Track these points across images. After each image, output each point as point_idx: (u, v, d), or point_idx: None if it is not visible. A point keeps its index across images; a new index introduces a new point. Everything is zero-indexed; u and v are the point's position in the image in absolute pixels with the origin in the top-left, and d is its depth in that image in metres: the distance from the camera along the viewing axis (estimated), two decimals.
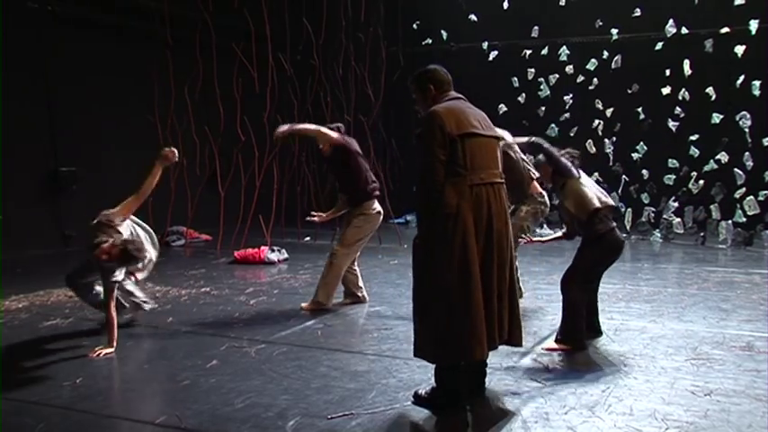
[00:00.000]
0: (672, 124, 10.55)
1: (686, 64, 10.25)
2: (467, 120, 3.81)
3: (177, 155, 5.60)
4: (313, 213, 6.75)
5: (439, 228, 3.72)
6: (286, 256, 9.20)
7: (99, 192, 9.92)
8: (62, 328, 5.79)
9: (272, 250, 9.17)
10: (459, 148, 3.72)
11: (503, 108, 11.58)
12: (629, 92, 10.88)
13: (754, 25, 9.88)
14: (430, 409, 3.84)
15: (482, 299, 3.71)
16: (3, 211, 9.38)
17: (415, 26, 12.62)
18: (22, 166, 9.63)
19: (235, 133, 10.11)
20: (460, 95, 4.03)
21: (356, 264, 6.63)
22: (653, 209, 10.97)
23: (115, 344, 5.08)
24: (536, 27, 11.34)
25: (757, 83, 9.84)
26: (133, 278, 5.76)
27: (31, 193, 9.80)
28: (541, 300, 6.59)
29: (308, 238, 11.11)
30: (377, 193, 6.42)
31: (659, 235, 10.74)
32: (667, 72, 10.39)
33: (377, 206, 6.40)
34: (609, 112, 11.06)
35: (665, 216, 10.78)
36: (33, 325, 5.83)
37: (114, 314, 5.13)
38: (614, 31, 10.97)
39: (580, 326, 4.98)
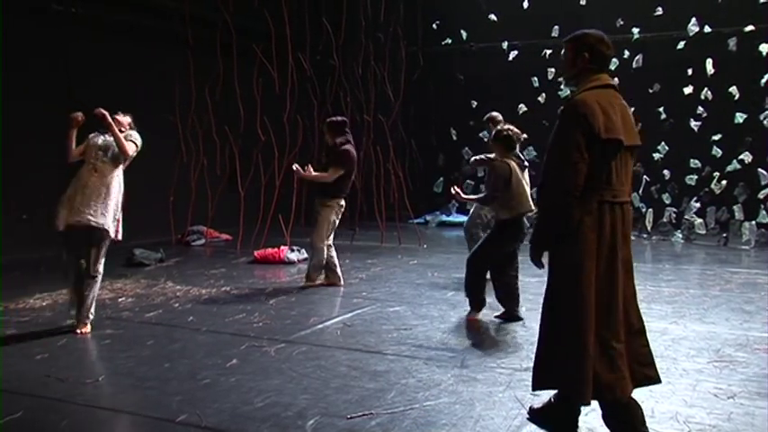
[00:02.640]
0: (694, 124, 10.45)
1: (709, 63, 10.15)
2: (617, 122, 3.21)
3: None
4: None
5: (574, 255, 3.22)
6: (305, 255, 9.20)
7: None
8: None
9: (292, 250, 9.21)
10: (598, 155, 3.15)
11: (522, 108, 11.54)
12: (651, 91, 10.79)
13: None
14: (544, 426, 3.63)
15: (595, 336, 3.17)
16: (26, 209, 9.49)
17: (434, 26, 12.61)
18: (44, 166, 9.73)
19: (255, 133, 10.15)
20: (613, 83, 3.40)
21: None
22: (674, 209, 10.88)
23: None
24: (556, 26, 11.28)
25: None
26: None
27: (54, 193, 9.90)
28: None
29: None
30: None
31: (681, 236, 10.64)
32: (689, 71, 10.30)
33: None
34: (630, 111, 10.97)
35: (686, 216, 10.69)
36: (57, 323, 5.89)
37: None
38: (635, 30, 10.88)
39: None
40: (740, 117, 10.01)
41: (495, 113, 7.55)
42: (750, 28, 10.05)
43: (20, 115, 9.30)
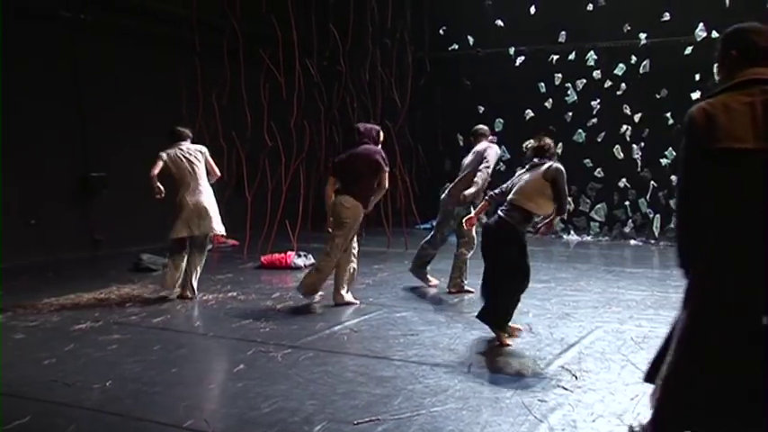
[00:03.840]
0: None
1: (716, 68, 10.11)
2: (730, 127, 2.52)
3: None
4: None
5: (686, 291, 2.73)
6: (312, 260, 9.21)
7: (128, 197, 10.06)
8: (92, 331, 5.87)
9: (299, 255, 9.21)
10: (713, 172, 2.54)
11: (529, 113, 11.55)
12: (658, 97, 10.78)
13: None
14: None
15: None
16: (35, 215, 9.54)
17: (441, 31, 12.62)
18: (54, 171, 9.79)
19: (262, 138, 10.16)
20: (761, 77, 2.62)
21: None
22: None
23: None
24: (563, 32, 11.29)
25: None
26: None
27: (62, 198, 9.95)
28: (568, 306, 6.53)
29: None
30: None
31: None
32: (697, 76, 10.27)
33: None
34: (637, 117, 10.96)
35: None
36: (64, 328, 5.92)
37: None
38: (642, 35, 10.88)
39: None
40: None
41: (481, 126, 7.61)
42: None
43: (27, 119, 9.36)
